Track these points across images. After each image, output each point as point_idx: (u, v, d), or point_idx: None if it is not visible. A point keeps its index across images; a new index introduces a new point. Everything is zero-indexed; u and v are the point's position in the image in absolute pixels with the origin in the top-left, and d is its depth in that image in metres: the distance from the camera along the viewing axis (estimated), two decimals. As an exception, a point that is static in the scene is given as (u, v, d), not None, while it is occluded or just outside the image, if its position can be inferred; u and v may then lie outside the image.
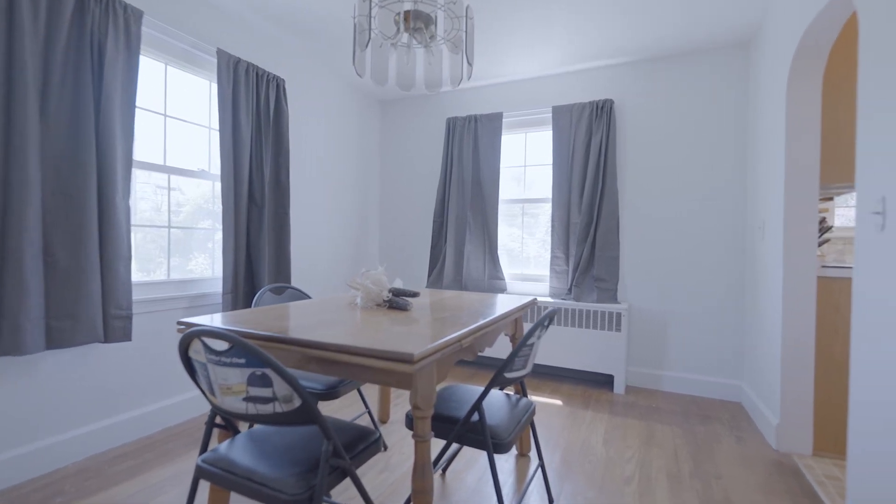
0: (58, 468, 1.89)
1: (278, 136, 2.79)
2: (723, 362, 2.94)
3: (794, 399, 2.15)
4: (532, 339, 1.38)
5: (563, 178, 3.31)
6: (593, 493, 1.80)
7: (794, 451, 2.17)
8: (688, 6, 2.46)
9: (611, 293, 3.14)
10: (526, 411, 1.58)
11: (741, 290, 2.90)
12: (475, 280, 3.58)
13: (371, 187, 4.06)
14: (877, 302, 1.33)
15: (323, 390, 1.78)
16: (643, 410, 2.71)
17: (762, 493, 1.82)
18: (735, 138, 2.92)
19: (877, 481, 1.32)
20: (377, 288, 1.68)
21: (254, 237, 2.60)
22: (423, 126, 3.97)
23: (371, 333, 1.25)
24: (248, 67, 2.57)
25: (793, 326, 2.15)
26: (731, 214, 2.93)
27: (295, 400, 1.04)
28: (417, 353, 1.01)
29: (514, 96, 3.58)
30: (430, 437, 1.15)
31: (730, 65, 2.93)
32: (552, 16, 2.58)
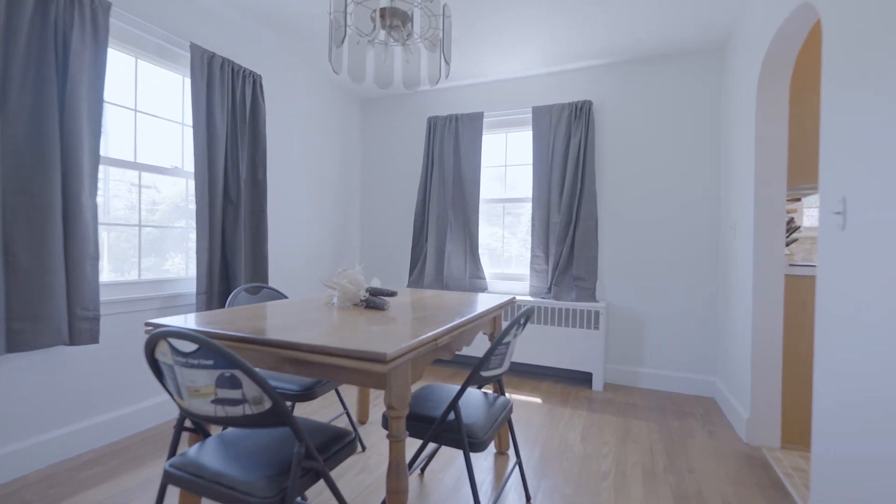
0: (19, 476, 1.82)
1: (255, 134, 2.73)
2: (697, 359, 3.01)
3: (763, 394, 2.21)
4: (508, 337, 1.39)
5: (543, 178, 3.34)
6: (570, 489, 1.82)
7: (763, 444, 2.23)
8: (663, 10, 2.51)
9: (589, 292, 3.18)
10: (503, 410, 1.59)
11: (715, 289, 2.97)
12: (456, 279, 3.58)
13: (352, 186, 4.03)
14: (838, 299, 1.38)
15: (299, 391, 1.76)
16: (620, 407, 2.75)
17: (732, 485, 1.87)
18: (709, 140, 3.00)
19: (838, 472, 1.37)
20: (354, 287, 1.67)
21: (229, 236, 2.54)
22: (404, 125, 3.95)
23: (346, 333, 1.24)
24: (224, 63, 2.51)
25: (762, 323, 2.21)
26: (705, 215, 3.00)
27: (265, 401, 1.02)
28: (390, 353, 1.01)
29: (494, 96, 3.60)
30: (404, 436, 1.14)
31: (704, 69, 3.00)
32: (532, 16, 2.60)
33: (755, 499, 1.77)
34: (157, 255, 2.46)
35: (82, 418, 2.03)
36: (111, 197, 2.24)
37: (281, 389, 1.75)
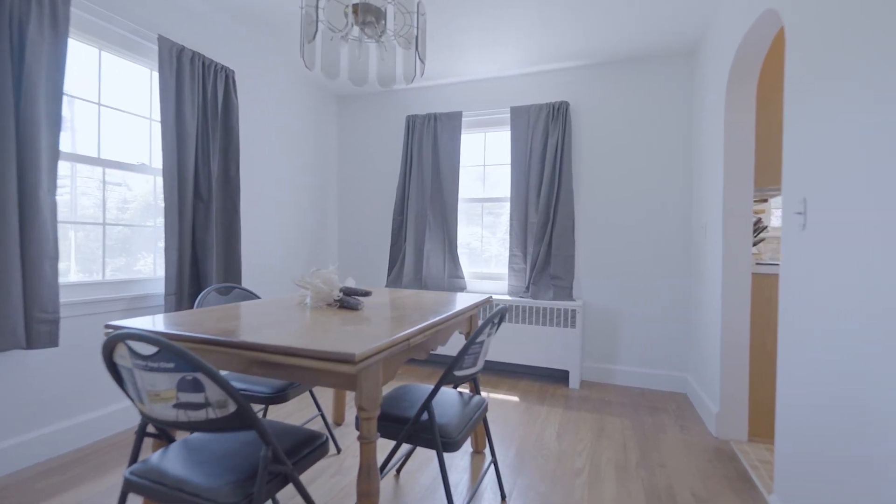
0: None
1: (227, 130, 2.67)
2: (670, 356, 3.08)
3: (731, 389, 2.28)
4: (482, 336, 1.39)
5: (521, 177, 3.36)
6: (545, 486, 1.83)
7: (731, 437, 2.30)
8: (637, 16, 2.55)
9: (566, 291, 3.21)
10: (478, 409, 1.59)
11: (687, 288, 3.05)
12: (435, 279, 3.57)
13: (329, 184, 3.97)
14: (799, 297, 1.43)
15: (271, 394, 1.72)
16: (596, 404, 2.79)
17: (701, 478, 1.92)
18: (682, 143, 3.07)
19: (800, 464, 1.42)
20: (327, 287, 1.64)
21: (200, 235, 2.47)
22: (382, 123, 3.92)
23: (316, 334, 1.21)
24: (194, 56, 2.44)
25: (730, 320, 2.27)
26: (678, 216, 3.07)
27: (230, 405, 0.99)
28: (359, 353, 0.99)
29: (473, 96, 3.60)
30: (375, 438, 1.13)
31: (678, 72, 3.07)
32: (510, 16, 2.61)
33: (723, 491, 1.82)
34: (129, 254, 2.38)
35: (42, 425, 1.94)
36: (79, 195, 2.15)
37: (251, 392, 1.72)
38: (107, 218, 2.27)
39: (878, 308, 1.02)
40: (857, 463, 1.09)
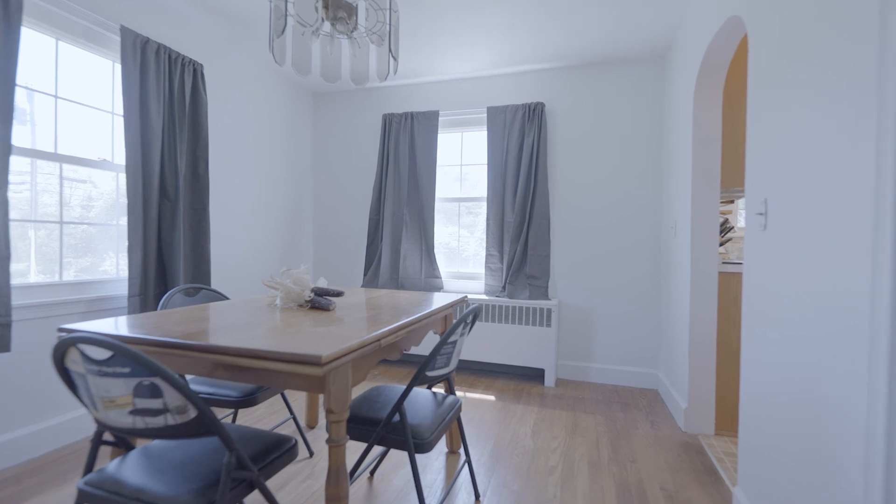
0: (-87, 503, 1.62)
1: (196, 125, 2.58)
2: (643, 353, 3.15)
3: (699, 384, 2.34)
4: (454, 336, 1.38)
5: (498, 178, 3.38)
6: (519, 484, 1.84)
7: (699, 431, 2.37)
8: (609, 20, 2.59)
9: (542, 290, 3.25)
10: (451, 409, 1.58)
11: (658, 286, 3.12)
12: (412, 279, 3.56)
13: (304, 183, 3.90)
14: (760, 294, 1.48)
15: (239, 398, 1.67)
16: (570, 401, 2.83)
17: (670, 472, 1.96)
18: (653, 144, 3.14)
19: (761, 457, 1.47)
20: (298, 287, 1.60)
21: (166, 234, 2.39)
22: (359, 121, 3.88)
23: (284, 335, 1.18)
24: (160, 49, 2.35)
25: (698, 318, 2.34)
26: (651, 216, 3.14)
27: (190, 410, 0.95)
28: (326, 355, 0.97)
29: (450, 95, 3.60)
30: (345, 440, 1.11)
31: (649, 76, 3.14)
32: (486, 16, 2.62)
33: (690, 484, 1.87)
34: (95, 254, 2.29)
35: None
36: (40, 192, 2.05)
37: (218, 396, 1.67)
38: (71, 216, 2.17)
39: (830, 308, 1.06)
40: (815, 459, 1.13)
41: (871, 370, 0.90)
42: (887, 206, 0.86)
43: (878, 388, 0.87)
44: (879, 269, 0.88)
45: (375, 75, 1.77)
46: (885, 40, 0.87)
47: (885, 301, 0.86)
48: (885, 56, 0.87)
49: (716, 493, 1.80)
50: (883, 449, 0.85)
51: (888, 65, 0.86)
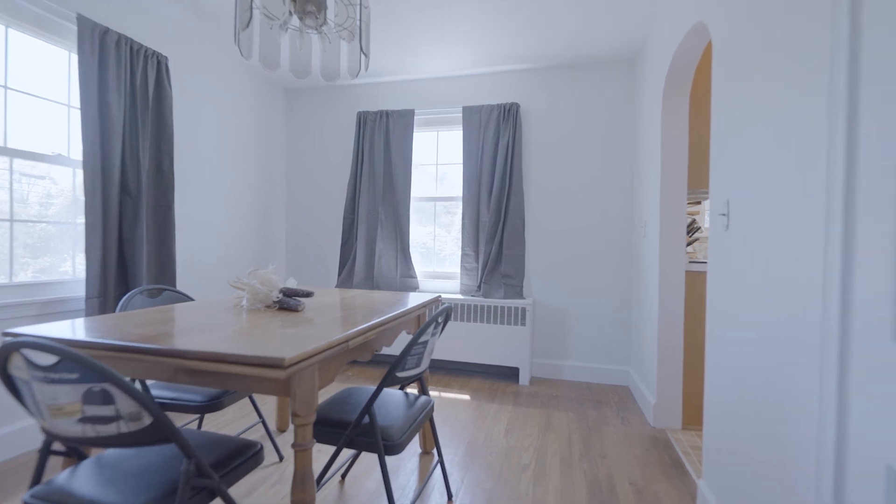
0: None
1: (160, 120, 2.49)
2: (615, 351, 3.21)
3: (667, 380, 2.40)
4: (425, 336, 1.37)
5: (473, 177, 3.39)
6: (491, 483, 1.84)
7: (667, 426, 2.43)
8: (580, 24, 2.63)
9: (517, 289, 3.27)
10: (423, 410, 1.57)
11: (630, 285, 3.19)
12: (387, 278, 3.53)
13: (276, 180, 3.81)
14: (723, 293, 1.52)
15: (204, 402, 1.62)
16: (544, 399, 2.86)
17: (639, 466, 2.01)
18: (625, 146, 3.20)
19: (724, 450, 1.51)
20: (266, 288, 1.56)
21: (127, 233, 2.29)
22: (333, 118, 3.81)
23: (248, 338, 1.15)
24: (121, 40, 2.25)
25: (666, 315, 2.40)
26: (623, 216, 3.21)
27: (144, 417, 0.91)
28: (290, 358, 0.94)
29: (425, 94, 3.58)
30: (311, 444, 1.08)
31: (621, 79, 3.20)
32: (461, 16, 2.61)
33: (658, 478, 1.92)
34: (55, 254, 2.18)
35: (-67, 447, 1.72)
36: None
37: (182, 401, 1.61)
38: (29, 214, 2.06)
39: (786, 310, 1.10)
40: (773, 455, 1.17)
41: (822, 371, 0.93)
42: (836, 205, 0.90)
43: (829, 391, 0.90)
44: (830, 274, 0.91)
45: (346, 72, 1.74)
46: (835, 53, 0.91)
47: (833, 303, 0.89)
48: (835, 66, 0.91)
49: (682, 486, 1.85)
50: (832, 451, 0.89)
51: (837, 73, 0.90)
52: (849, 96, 0.87)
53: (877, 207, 0.80)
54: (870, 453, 0.80)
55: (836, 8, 0.91)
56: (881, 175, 0.79)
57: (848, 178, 0.88)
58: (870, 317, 0.81)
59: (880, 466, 0.78)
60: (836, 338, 0.89)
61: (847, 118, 0.88)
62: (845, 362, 0.87)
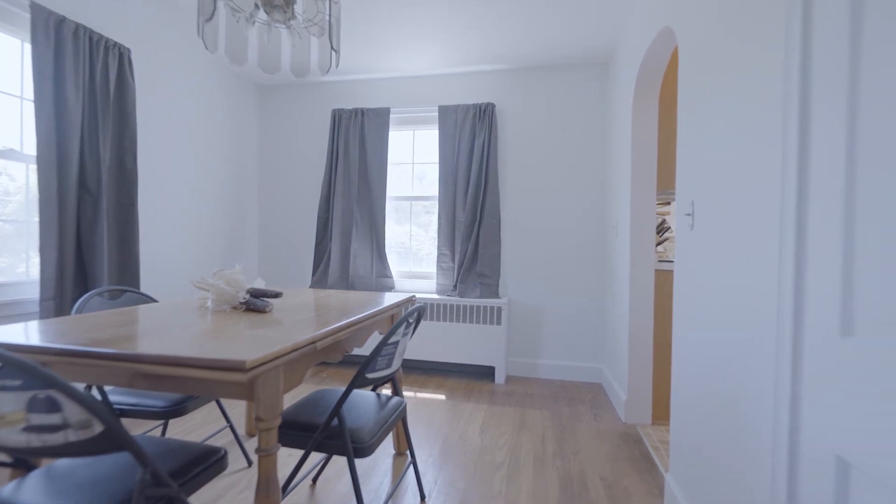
0: None
1: (122, 115, 2.39)
2: (588, 348, 3.27)
3: (637, 376, 2.45)
4: (395, 337, 1.36)
5: (449, 177, 3.38)
6: (465, 482, 1.84)
7: (638, 422, 2.48)
8: (553, 25, 2.66)
9: (493, 288, 3.28)
10: (395, 411, 1.56)
11: (602, 284, 3.24)
12: (362, 278, 3.49)
13: (248, 179, 3.72)
14: (688, 291, 1.56)
15: (167, 407, 1.56)
16: (519, 398, 2.88)
17: (610, 462, 2.04)
18: (598, 147, 3.25)
19: (690, 447, 1.55)
20: (232, 288, 1.52)
21: (86, 232, 2.19)
22: (307, 116, 3.75)
23: (210, 340, 1.11)
24: (79, 29, 2.15)
25: (637, 313, 2.45)
26: (596, 216, 3.26)
27: (95, 425, 0.87)
28: (251, 360, 0.92)
29: (401, 93, 3.56)
30: (275, 449, 1.06)
31: (595, 82, 3.25)
32: (435, 15, 2.60)
33: (628, 472, 1.95)
34: (12, 255, 2.07)
35: None
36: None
37: (143, 407, 1.54)
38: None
39: (745, 309, 1.14)
40: (734, 451, 1.21)
41: (777, 368, 0.96)
42: (789, 208, 0.93)
43: (783, 386, 0.93)
44: (784, 274, 0.95)
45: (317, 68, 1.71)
46: (788, 60, 0.94)
47: (787, 302, 0.93)
48: (788, 72, 0.94)
49: (650, 480, 1.89)
50: (786, 444, 0.92)
51: (791, 80, 0.93)
52: (801, 106, 0.90)
53: (826, 210, 0.83)
54: (821, 445, 0.83)
55: (790, 20, 0.94)
56: (830, 179, 0.82)
57: (800, 182, 0.91)
58: (819, 314, 0.84)
59: (830, 457, 0.81)
60: (789, 335, 0.92)
61: (799, 127, 0.91)
62: (798, 358, 0.91)
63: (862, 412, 0.73)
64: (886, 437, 0.67)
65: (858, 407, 0.74)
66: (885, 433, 0.67)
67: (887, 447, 0.67)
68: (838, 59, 0.80)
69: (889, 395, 0.67)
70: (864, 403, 0.72)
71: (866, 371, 0.72)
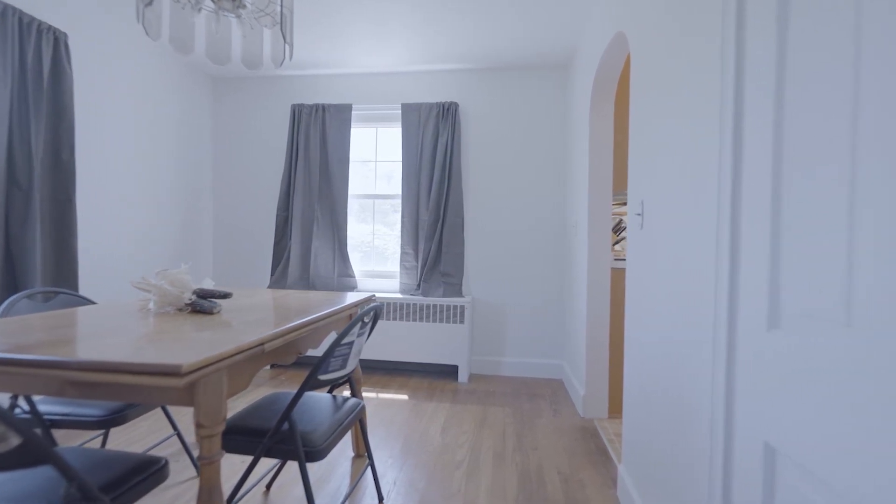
0: None
1: (58, 105, 2.22)
2: (549, 345, 3.33)
3: (594, 372, 2.52)
4: (350, 337, 1.33)
5: (413, 175, 3.36)
6: (424, 482, 1.84)
7: (595, 416, 2.55)
8: (513, 27, 2.69)
9: (456, 287, 3.29)
10: (351, 412, 1.53)
11: (563, 282, 3.32)
12: (323, 278, 3.41)
13: (202, 175, 3.56)
14: (638, 289, 1.62)
15: (105, 416, 1.47)
16: (481, 396, 2.90)
17: (567, 455, 2.09)
18: (559, 148, 3.32)
19: (639, 441, 1.61)
20: (176, 289, 1.44)
21: (16, 229, 2.03)
22: (266, 110, 3.63)
23: (148, 344, 1.05)
24: (7, 10, 1.99)
25: (594, 310, 2.52)
26: (557, 216, 3.33)
27: (11, 437, 0.80)
28: (188, 364, 0.87)
29: (364, 89, 3.50)
30: (218, 457, 1.01)
31: (556, 84, 3.32)
32: (397, 11, 2.57)
33: (584, 465, 2.00)
34: None
35: None
36: None
37: (77, 417, 1.44)
38: None
39: (687, 307, 1.19)
40: (679, 444, 1.26)
41: (714, 361, 1.01)
42: (725, 209, 0.97)
43: (719, 379, 0.98)
44: (721, 271, 0.99)
45: (271, 61, 1.65)
46: (724, 70, 0.98)
47: (722, 300, 0.97)
48: (724, 82, 0.98)
49: (605, 472, 1.95)
50: (721, 433, 0.96)
51: (726, 88, 0.98)
52: (735, 112, 0.95)
53: (756, 211, 0.88)
54: (751, 433, 0.88)
55: (725, 28, 0.99)
56: (759, 183, 0.87)
57: (734, 185, 0.95)
58: (750, 309, 0.89)
59: (759, 444, 0.85)
60: (724, 329, 0.96)
61: (733, 132, 0.95)
62: (732, 351, 0.95)
63: (785, 400, 0.77)
64: (807, 423, 0.71)
65: (782, 395, 0.78)
66: (805, 420, 0.72)
67: (807, 433, 0.71)
68: (767, 72, 0.85)
69: (809, 383, 0.72)
70: (787, 392, 0.77)
71: (789, 361, 0.77)
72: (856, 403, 0.61)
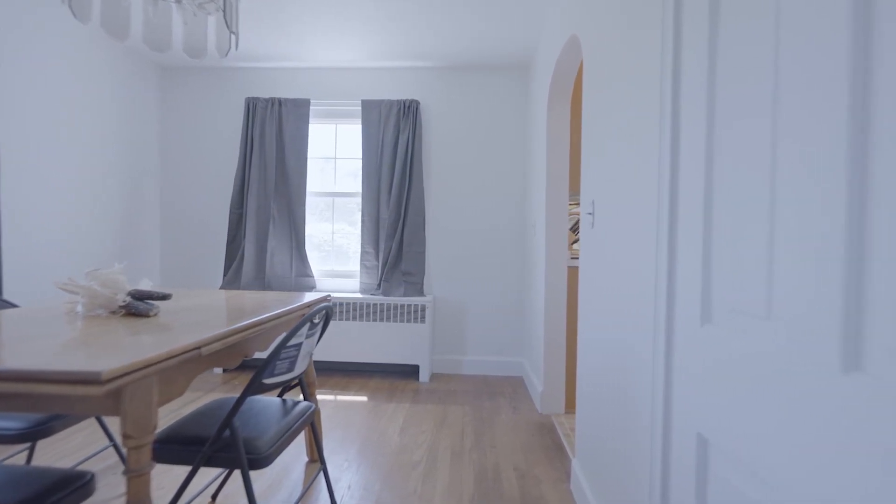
0: None
1: (-23, 90, 2.03)
2: (510, 343, 3.37)
3: (552, 369, 2.57)
4: (297, 338, 1.29)
5: (373, 173, 3.31)
6: (380, 484, 1.81)
7: (552, 412, 2.60)
8: (476, 25, 2.70)
9: (417, 287, 3.27)
10: (301, 416, 1.48)
11: (523, 280, 3.36)
12: (280, 278, 3.30)
13: (147, 170, 3.36)
14: (590, 286, 1.66)
15: (27, 429, 1.35)
16: (442, 395, 2.90)
17: (524, 452, 2.12)
18: (520, 149, 3.37)
19: (591, 435, 1.64)
20: (108, 290, 1.35)
21: (-75, 226, 1.83)
22: (218, 103, 3.47)
23: (74, 350, 0.97)
24: (-86, -16, 1.79)
25: (551, 308, 2.57)
26: (517, 215, 3.37)
27: None
28: (109, 371, 0.81)
29: (322, 84, 3.42)
30: (148, 469, 0.95)
31: (517, 84, 3.35)
32: (355, 5, 2.52)
33: (540, 461, 2.04)
34: None
35: None
36: None
37: (-7, 430, 1.32)
38: None
39: (631, 301, 1.22)
40: (625, 439, 1.30)
41: (653, 356, 1.04)
42: (664, 210, 1.01)
43: (658, 373, 1.01)
44: (660, 269, 1.02)
45: (216, 50, 1.57)
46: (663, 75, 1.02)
47: (661, 296, 1.00)
48: (663, 86, 1.02)
49: (560, 466, 1.99)
50: (661, 426, 1.00)
51: (665, 94, 1.01)
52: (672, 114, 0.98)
53: (690, 211, 0.91)
54: (685, 424, 0.91)
55: (664, 32, 1.02)
56: (693, 186, 0.90)
57: (672, 186, 0.99)
58: (686, 304, 0.92)
59: (693, 435, 0.88)
60: (663, 324, 1.00)
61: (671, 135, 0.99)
62: (670, 346, 0.99)
63: (715, 392, 0.80)
64: (734, 413, 0.74)
65: (712, 387, 0.81)
66: (732, 410, 0.75)
67: (735, 423, 0.74)
68: (700, 79, 0.88)
69: (734, 375, 0.75)
70: (717, 384, 0.80)
71: (718, 354, 0.80)
72: (774, 392, 0.64)
